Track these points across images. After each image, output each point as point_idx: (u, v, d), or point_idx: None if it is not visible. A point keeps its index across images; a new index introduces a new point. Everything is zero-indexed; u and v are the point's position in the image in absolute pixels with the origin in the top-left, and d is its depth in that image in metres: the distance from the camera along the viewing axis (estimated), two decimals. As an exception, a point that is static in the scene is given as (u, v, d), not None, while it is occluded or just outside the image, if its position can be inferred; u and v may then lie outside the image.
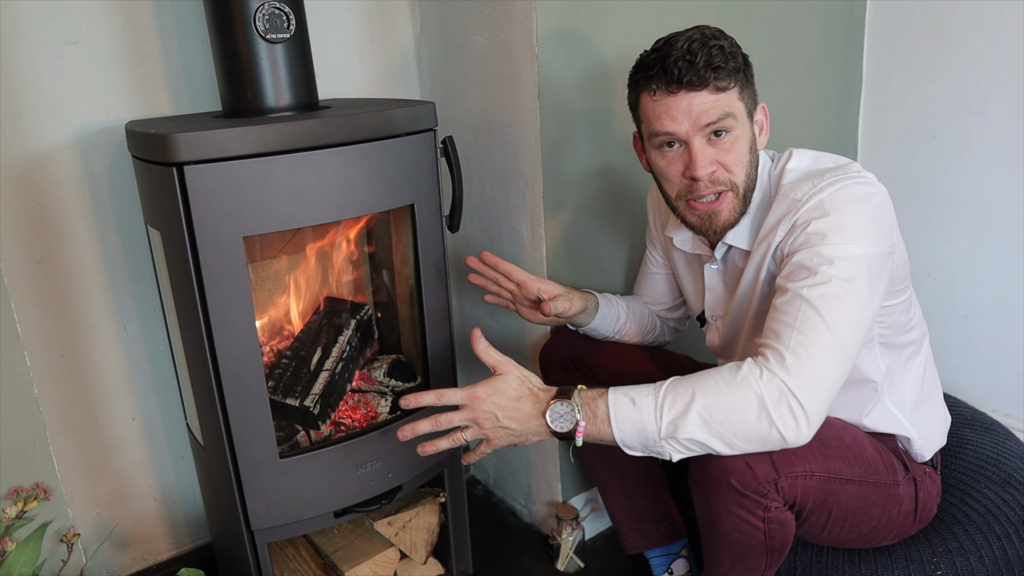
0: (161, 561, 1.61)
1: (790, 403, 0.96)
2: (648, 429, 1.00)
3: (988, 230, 1.76)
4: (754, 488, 1.04)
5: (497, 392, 1.06)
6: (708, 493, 1.08)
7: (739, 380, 0.98)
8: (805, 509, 1.10)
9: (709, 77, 1.05)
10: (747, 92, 1.10)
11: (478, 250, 1.65)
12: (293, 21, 1.17)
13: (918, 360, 1.25)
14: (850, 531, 1.18)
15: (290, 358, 1.35)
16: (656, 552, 1.50)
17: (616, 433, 1.02)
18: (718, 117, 1.07)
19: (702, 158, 1.08)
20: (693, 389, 0.99)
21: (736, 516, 1.07)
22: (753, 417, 0.97)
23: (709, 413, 0.98)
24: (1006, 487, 1.31)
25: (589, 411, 1.03)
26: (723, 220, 1.14)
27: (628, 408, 1.01)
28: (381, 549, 1.44)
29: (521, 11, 1.34)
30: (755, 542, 1.09)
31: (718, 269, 1.25)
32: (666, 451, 1.01)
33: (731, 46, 1.07)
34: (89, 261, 1.39)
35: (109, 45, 1.33)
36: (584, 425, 1.03)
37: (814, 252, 1.03)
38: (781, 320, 1.01)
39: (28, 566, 1.18)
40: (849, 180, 1.06)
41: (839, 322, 0.99)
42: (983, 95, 1.71)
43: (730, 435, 0.98)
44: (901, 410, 1.22)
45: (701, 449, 1.01)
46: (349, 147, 1.14)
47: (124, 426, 1.50)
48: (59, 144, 1.32)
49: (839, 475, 1.11)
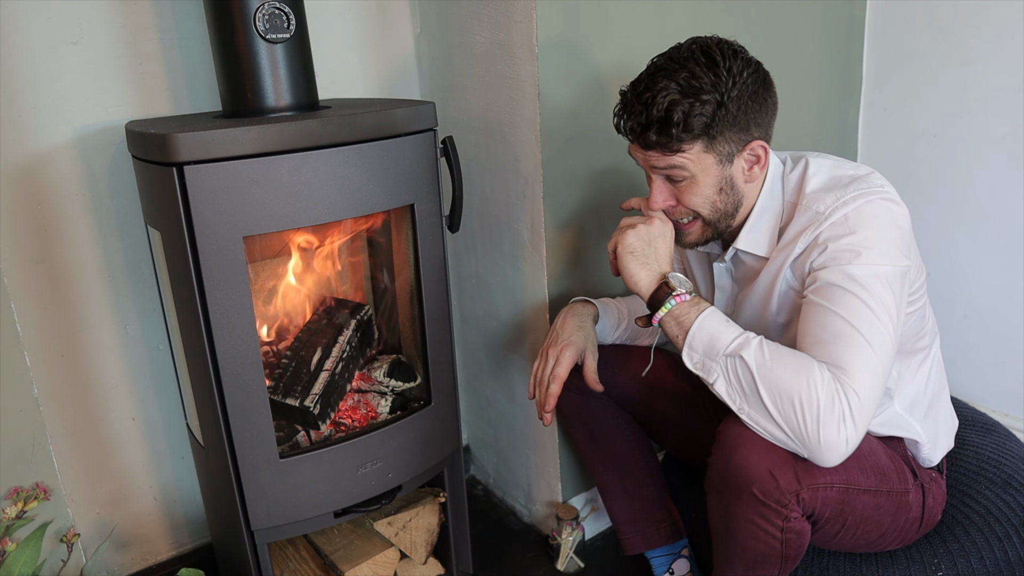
0: (161, 561, 1.61)
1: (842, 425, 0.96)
2: (724, 338, 1.04)
3: (988, 230, 1.76)
4: (776, 498, 1.03)
5: (651, 232, 1.15)
6: (728, 500, 1.08)
7: (811, 365, 0.99)
8: (822, 519, 1.10)
9: (654, 141, 1.07)
10: (721, 143, 1.08)
11: (478, 250, 1.66)
12: (293, 21, 1.17)
13: (928, 364, 1.25)
14: (859, 538, 1.18)
15: (290, 358, 1.35)
16: (656, 552, 1.49)
17: (697, 323, 1.06)
18: (665, 166, 1.10)
19: (658, 193, 1.15)
20: (775, 345, 1.02)
21: (755, 525, 1.07)
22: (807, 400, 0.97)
23: (773, 360, 1.00)
24: (1007, 488, 1.31)
25: (696, 299, 1.10)
26: (689, 241, 1.19)
27: (721, 319, 1.07)
28: (381, 549, 1.44)
29: (521, 11, 1.34)
30: (771, 551, 1.09)
31: (727, 268, 1.25)
32: (716, 369, 1.04)
33: (706, 101, 1.04)
34: (89, 261, 1.39)
35: (109, 45, 1.33)
36: (687, 299, 1.09)
37: (843, 272, 1.03)
38: (823, 339, 1.01)
39: (28, 566, 1.18)
40: (874, 195, 1.06)
41: (881, 345, 1.00)
42: (983, 95, 1.71)
43: (778, 392, 0.99)
44: (911, 413, 1.22)
45: (749, 389, 1.01)
46: (349, 147, 1.14)
47: (124, 426, 1.50)
48: (59, 144, 1.32)
49: (856, 486, 1.10)
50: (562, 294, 1.51)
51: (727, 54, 1.06)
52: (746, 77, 1.06)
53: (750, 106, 1.07)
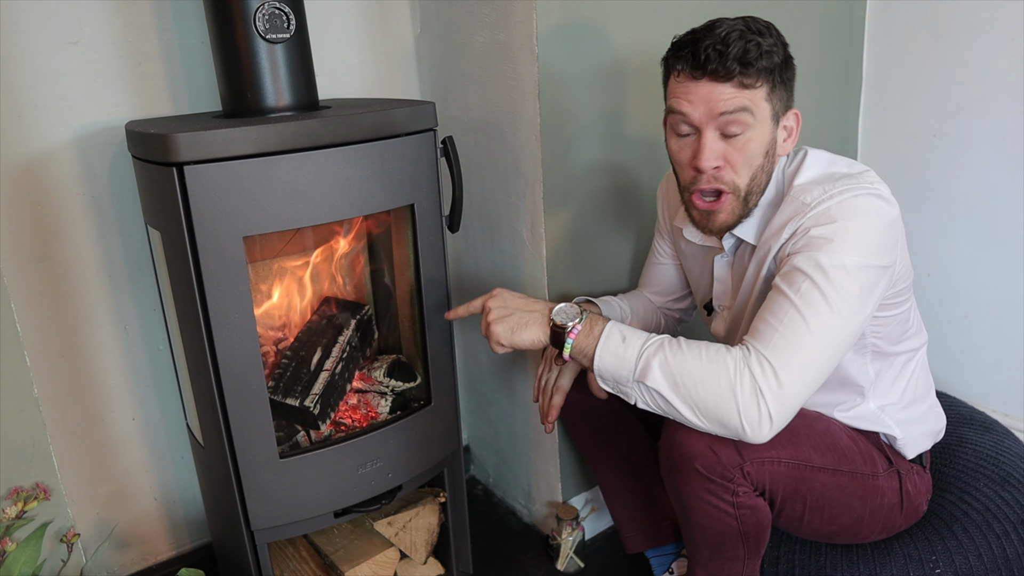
0: (161, 561, 1.61)
1: (759, 402, 0.98)
2: (626, 365, 1.03)
3: (988, 230, 1.77)
4: (719, 473, 1.06)
5: (514, 293, 1.16)
6: (676, 479, 1.11)
7: (721, 359, 1.00)
8: (777, 497, 1.11)
9: (735, 70, 1.02)
10: (778, 94, 1.07)
11: (478, 250, 1.66)
12: (293, 21, 1.17)
13: (912, 367, 1.25)
14: (831, 523, 1.18)
15: (290, 358, 1.35)
16: (657, 551, 1.50)
17: (597, 355, 1.05)
18: (735, 108, 1.04)
19: (710, 150, 1.07)
20: (680, 347, 1.02)
21: (705, 502, 1.09)
22: (722, 397, 0.99)
23: (680, 373, 1.00)
24: (1005, 486, 1.31)
25: (588, 324, 1.08)
26: (720, 222, 1.14)
27: (617, 340, 1.05)
28: (381, 549, 1.44)
29: (521, 11, 1.34)
30: (728, 529, 1.11)
31: (727, 260, 1.25)
32: (632, 394, 1.05)
33: (772, 44, 1.04)
34: (89, 261, 1.39)
35: (109, 45, 1.33)
36: (579, 330, 1.07)
37: (810, 258, 1.03)
38: (768, 321, 1.03)
39: (28, 566, 1.18)
40: (861, 191, 1.05)
41: (823, 331, 1.00)
42: (983, 95, 1.71)
43: (694, 401, 1.00)
44: (885, 411, 1.23)
45: (666, 406, 1.03)
46: (349, 147, 1.14)
47: (124, 426, 1.50)
48: (59, 144, 1.32)
49: (809, 463, 1.12)
50: (562, 294, 1.51)
51: (769, 26, 1.07)
52: (785, 46, 1.08)
53: (793, 74, 1.10)
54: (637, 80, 1.47)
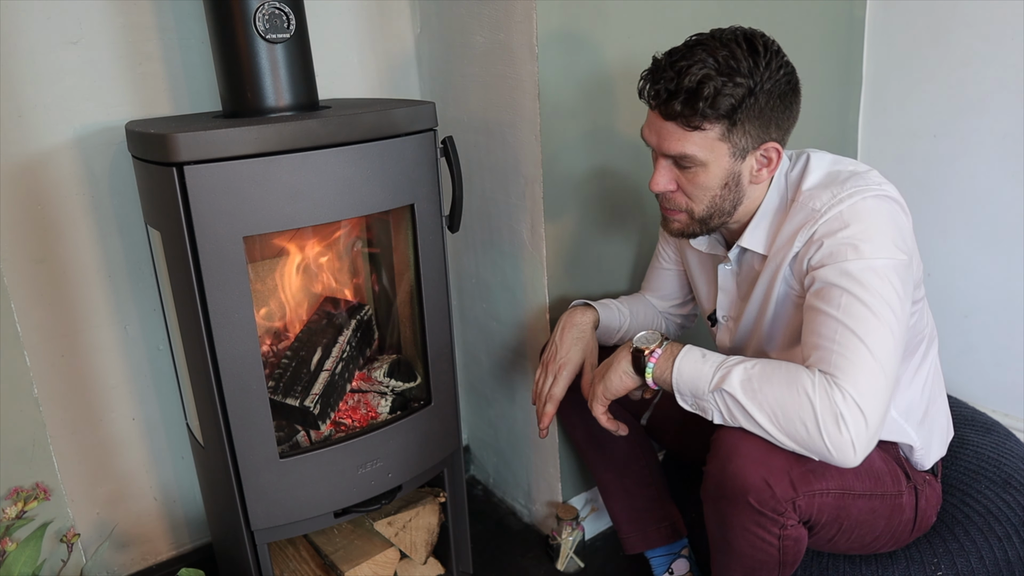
0: (161, 561, 1.61)
1: (841, 429, 0.95)
2: (703, 378, 1.04)
3: (988, 230, 1.76)
4: (772, 507, 1.03)
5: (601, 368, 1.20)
6: (724, 509, 1.08)
7: (802, 379, 0.99)
8: (818, 524, 1.10)
9: (678, 112, 1.04)
10: (739, 132, 1.06)
11: (478, 250, 1.66)
12: (293, 21, 1.17)
13: (925, 369, 1.24)
14: (854, 541, 1.18)
15: (290, 358, 1.35)
16: (656, 552, 1.49)
17: (676, 366, 1.07)
18: (677, 153, 1.07)
19: (660, 176, 1.12)
20: (760, 363, 1.02)
21: (752, 534, 1.07)
22: (807, 426, 0.97)
23: (762, 385, 1.00)
24: (1006, 488, 1.31)
25: (669, 349, 1.10)
26: (675, 230, 1.18)
27: (696, 357, 1.07)
28: (381, 549, 1.44)
29: (521, 11, 1.34)
30: (768, 558, 1.09)
31: (732, 270, 1.24)
32: (710, 407, 1.04)
33: (734, 85, 1.02)
34: (89, 261, 1.39)
35: (109, 45, 1.33)
36: (659, 354, 1.10)
37: (839, 269, 1.02)
38: (820, 344, 1.01)
39: (28, 566, 1.18)
40: (870, 192, 1.05)
41: (876, 341, 0.99)
42: (983, 95, 1.71)
43: (772, 411, 0.99)
44: (906, 419, 1.21)
45: (744, 418, 1.01)
46: (349, 147, 1.14)
47: (124, 426, 1.50)
48: (59, 144, 1.32)
49: (852, 490, 1.10)
50: (562, 294, 1.51)
51: (769, 47, 1.05)
52: (781, 75, 1.06)
53: (777, 105, 1.07)
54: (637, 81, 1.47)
